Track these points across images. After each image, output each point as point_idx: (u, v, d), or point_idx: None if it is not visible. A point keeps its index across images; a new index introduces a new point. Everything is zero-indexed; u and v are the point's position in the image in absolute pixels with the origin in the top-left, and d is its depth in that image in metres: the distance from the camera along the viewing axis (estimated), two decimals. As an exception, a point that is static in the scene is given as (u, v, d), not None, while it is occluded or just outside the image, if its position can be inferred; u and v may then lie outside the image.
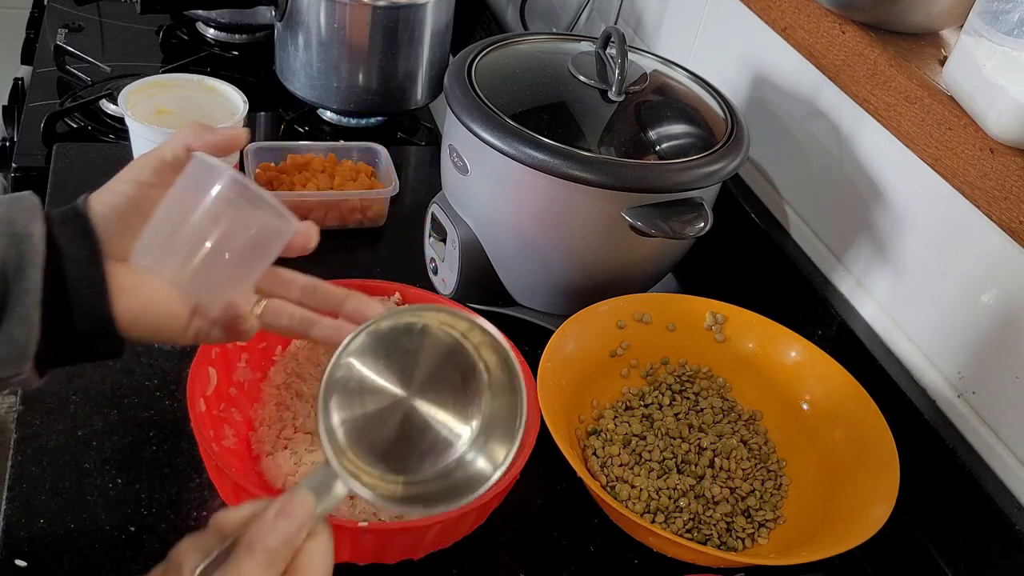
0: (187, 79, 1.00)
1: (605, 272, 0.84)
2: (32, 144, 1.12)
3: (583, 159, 0.76)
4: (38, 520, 0.66)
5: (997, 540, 0.68)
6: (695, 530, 0.71)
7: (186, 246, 0.54)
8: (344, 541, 0.63)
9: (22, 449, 0.71)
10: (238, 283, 0.56)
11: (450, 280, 0.90)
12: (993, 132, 0.67)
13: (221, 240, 0.54)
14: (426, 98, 1.22)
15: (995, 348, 0.72)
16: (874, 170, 0.84)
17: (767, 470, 0.77)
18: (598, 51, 0.88)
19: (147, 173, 0.55)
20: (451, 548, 0.68)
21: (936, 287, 0.78)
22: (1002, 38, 0.66)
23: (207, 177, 0.54)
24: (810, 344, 0.81)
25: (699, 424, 0.79)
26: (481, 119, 0.79)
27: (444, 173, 0.90)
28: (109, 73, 1.24)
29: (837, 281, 0.89)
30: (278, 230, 0.56)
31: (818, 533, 0.70)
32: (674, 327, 0.84)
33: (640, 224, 0.77)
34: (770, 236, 0.94)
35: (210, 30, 1.38)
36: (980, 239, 0.73)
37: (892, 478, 0.69)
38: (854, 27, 0.81)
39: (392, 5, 1.11)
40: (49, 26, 1.34)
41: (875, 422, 0.74)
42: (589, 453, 0.77)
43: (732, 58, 1.02)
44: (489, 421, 0.54)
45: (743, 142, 0.83)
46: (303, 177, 1.01)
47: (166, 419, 0.75)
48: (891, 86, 0.76)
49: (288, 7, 1.13)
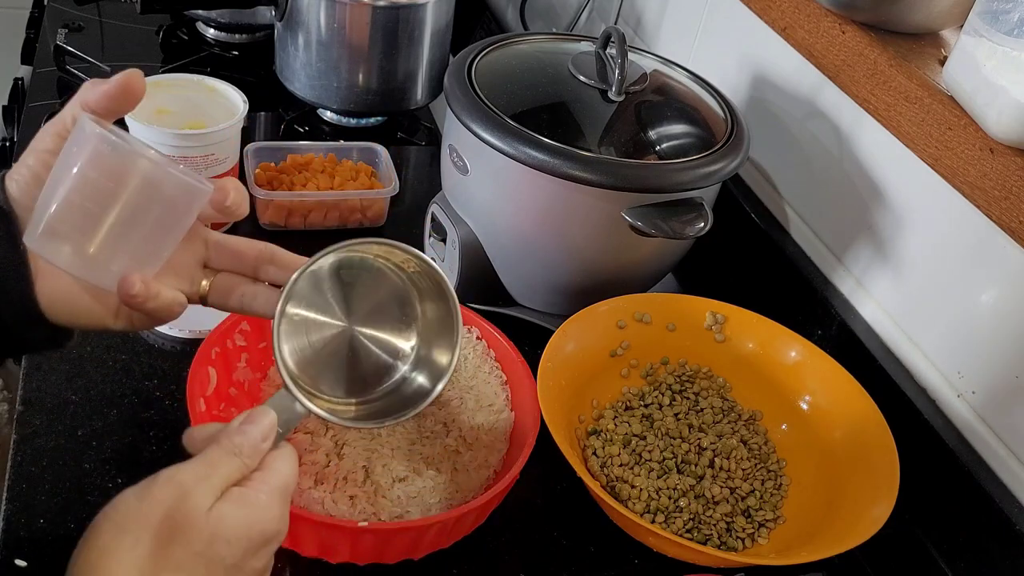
0: (187, 79, 1.00)
1: (605, 272, 0.84)
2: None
3: (583, 159, 0.76)
4: (38, 520, 0.66)
5: (997, 540, 0.68)
6: (695, 530, 0.71)
7: (67, 231, 0.49)
8: (344, 541, 0.63)
9: (22, 449, 0.71)
10: (142, 261, 0.51)
11: (450, 280, 0.90)
12: (993, 132, 0.67)
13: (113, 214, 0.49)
14: (426, 98, 1.22)
15: (995, 348, 0.72)
16: (874, 170, 0.84)
17: (767, 470, 0.77)
18: (598, 51, 0.88)
19: (49, 141, 0.51)
20: (451, 548, 0.68)
21: (936, 287, 0.78)
22: (1002, 38, 0.66)
23: (87, 143, 0.48)
24: (810, 344, 0.81)
25: (699, 424, 0.79)
26: (481, 119, 0.79)
27: (444, 173, 0.90)
28: (109, 73, 1.23)
29: (837, 281, 0.89)
30: (177, 202, 0.51)
31: (818, 533, 0.70)
32: (674, 327, 0.84)
33: (640, 224, 0.77)
34: (770, 236, 0.94)
35: (210, 30, 1.38)
36: (980, 239, 0.73)
37: (892, 478, 0.69)
38: (854, 27, 0.81)
39: (392, 5, 1.11)
40: (49, 26, 1.34)
41: (875, 422, 0.74)
42: (589, 453, 0.77)
43: (732, 58, 1.02)
44: (427, 339, 0.61)
45: (743, 142, 0.83)
46: (303, 177, 1.01)
47: (166, 419, 0.75)
48: (891, 86, 0.76)
49: (288, 7, 1.13)
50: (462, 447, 0.72)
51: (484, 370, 0.77)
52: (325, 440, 0.69)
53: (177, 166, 0.51)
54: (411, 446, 0.70)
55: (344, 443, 0.69)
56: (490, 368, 0.77)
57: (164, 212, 0.51)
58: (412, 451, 0.70)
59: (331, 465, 0.67)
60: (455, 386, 0.75)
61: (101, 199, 0.49)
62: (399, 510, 0.66)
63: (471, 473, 0.70)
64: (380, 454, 0.68)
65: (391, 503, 0.66)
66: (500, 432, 0.73)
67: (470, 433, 0.72)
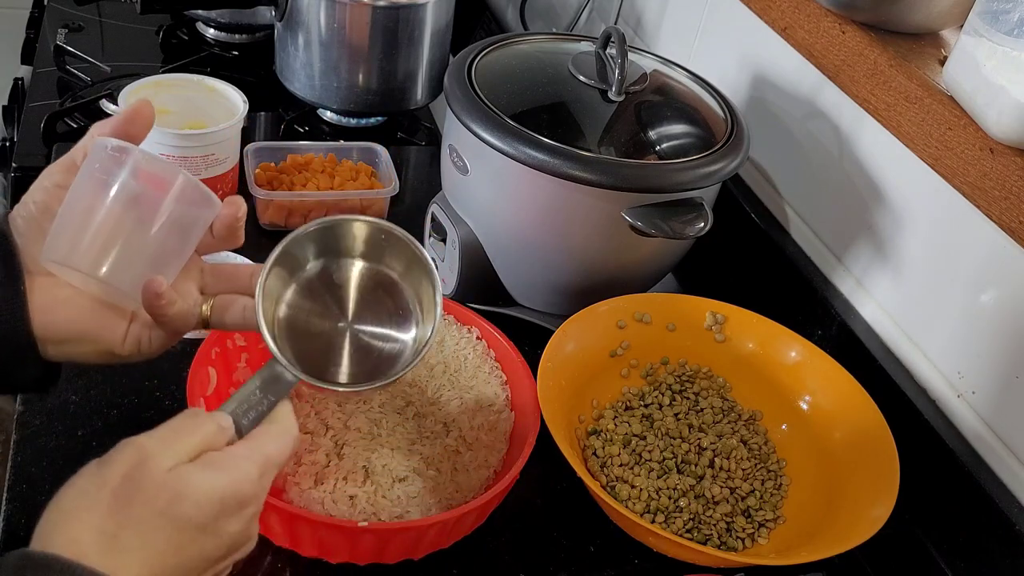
0: (187, 79, 1.00)
1: (605, 272, 0.84)
2: (32, 144, 1.11)
3: (583, 159, 0.76)
4: (38, 520, 0.66)
5: (997, 540, 0.68)
6: (695, 530, 0.71)
7: (92, 240, 0.50)
8: (344, 541, 0.63)
9: (22, 449, 0.71)
10: (159, 271, 0.53)
11: (450, 280, 0.90)
12: (993, 132, 0.67)
13: (129, 230, 0.50)
14: (426, 98, 1.22)
15: (995, 348, 0.72)
16: (874, 170, 0.84)
17: (767, 470, 0.77)
18: (598, 51, 0.88)
19: (58, 176, 0.53)
20: (451, 548, 0.68)
21: (936, 287, 0.78)
22: (1002, 38, 0.66)
23: (107, 162, 0.50)
24: (810, 344, 0.81)
25: (699, 424, 0.79)
26: (481, 119, 0.79)
27: (444, 173, 0.90)
28: (109, 73, 1.24)
29: (837, 281, 0.89)
30: (196, 213, 0.52)
31: (818, 533, 0.70)
32: (674, 327, 0.84)
33: (640, 224, 0.77)
34: (770, 236, 0.94)
35: (210, 30, 1.38)
36: (980, 239, 0.73)
37: (892, 478, 0.69)
38: (854, 27, 0.81)
39: (392, 5, 1.11)
40: (49, 26, 1.34)
41: (875, 422, 0.74)
42: (589, 453, 0.77)
43: (732, 58, 1.02)
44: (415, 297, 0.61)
45: (743, 142, 0.83)
46: (303, 177, 1.01)
47: (166, 419, 0.75)
48: (891, 86, 0.76)
49: (288, 7, 1.13)
50: (462, 447, 0.72)
51: (484, 370, 0.77)
52: (325, 440, 0.69)
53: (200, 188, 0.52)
54: (411, 446, 0.70)
55: (344, 443, 0.69)
56: (490, 368, 0.77)
57: (180, 223, 0.52)
58: (412, 451, 0.70)
59: (331, 465, 0.67)
60: (455, 386, 0.75)
61: (119, 214, 0.50)
62: (399, 510, 0.66)
63: (471, 473, 0.70)
64: (380, 454, 0.68)
65: (391, 503, 0.66)
66: (500, 432, 0.73)
67: (470, 433, 0.72)
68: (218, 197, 0.54)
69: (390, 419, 0.71)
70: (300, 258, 0.58)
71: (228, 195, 0.56)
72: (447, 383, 0.75)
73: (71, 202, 0.51)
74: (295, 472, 0.67)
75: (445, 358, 0.77)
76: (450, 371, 0.76)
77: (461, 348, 0.78)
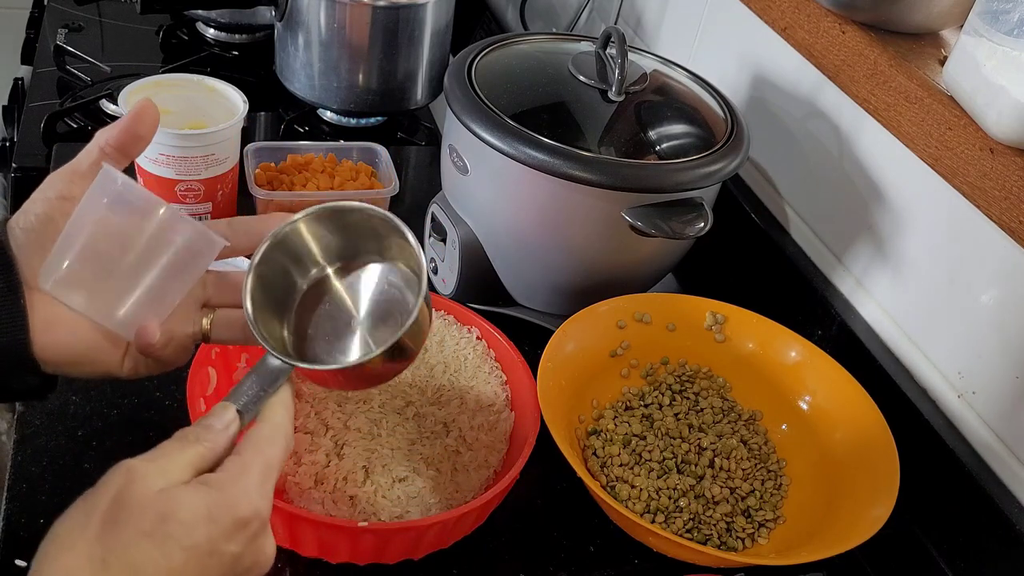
0: (187, 79, 1.00)
1: (605, 272, 0.84)
2: (32, 144, 1.11)
3: (583, 159, 0.76)
4: (38, 520, 0.66)
5: (997, 540, 0.68)
6: (695, 530, 0.71)
7: (93, 271, 0.50)
8: (344, 541, 0.63)
9: (22, 449, 0.71)
10: (154, 307, 0.53)
11: (450, 280, 0.90)
12: (993, 132, 0.67)
13: (131, 260, 0.50)
14: (426, 98, 1.22)
15: (995, 348, 0.72)
16: (874, 170, 0.84)
17: (767, 470, 0.77)
18: (598, 51, 0.88)
19: (60, 186, 0.52)
20: (451, 548, 0.68)
21: (936, 287, 0.78)
22: (1002, 38, 0.66)
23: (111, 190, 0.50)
24: (810, 344, 0.81)
25: (699, 424, 0.79)
26: (481, 119, 0.79)
27: (444, 173, 0.90)
28: (109, 73, 1.24)
29: (837, 281, 0.89)
30: (199, 248, 0.52)
31: (818, 533, 0.70)
32: (674, 327, 0.84)
33: (640, 224, 0.77)
34: (770, 236, 0.94)
35: (210, 30, 1.38)
36: (980, 239, 0.73)
37: (892, 478, 0.69)
38: (854, 27, 0.81)
39: (392, 5, 1.11)
40: (49, 26, 1.34)
41: (875, 422, 0.74)
42: (589, 453, 0.77)
43: (732, 58, 1.02)
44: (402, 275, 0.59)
45: (743, 142, 0.83)
46: (303, 177, 1.01)
47: (166, 419, 0.75)
48: (891, 86, 0.76)
49: (288, 7, 1.13)
50: (462, 447, 0.72)
51: (484, 370, 0.77)
52: (325, 440, 0.69)
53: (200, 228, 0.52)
54: (411, 446, 0.70)
55: (344, 443, 0.69)
56: (490, 368, 0.77)
57: (179, 261, 0.52)
58: (412, 451, 0.70)
59: (331, 465, 0.67)
60: (455, 386, 0.75)
61: (121, 246, 0.50)
62: (399, 510, 0.66)
63: (471, 473, 0.70)
64: (380, 454, 0.68)
65: (391, 503, 0.66)
66: (500, 432, 0.73)
67: (470, 433, 0.72)
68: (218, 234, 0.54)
69: (390, 419, 0.71)
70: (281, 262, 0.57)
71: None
72: (447, 383, 0.75)
73: (69, 231, 0.50)
74: (295, 472, 0.67)
75: (445, 358, 0.77)
76: (450, 371, 0.76)
77: (461, 348, 0.78)
